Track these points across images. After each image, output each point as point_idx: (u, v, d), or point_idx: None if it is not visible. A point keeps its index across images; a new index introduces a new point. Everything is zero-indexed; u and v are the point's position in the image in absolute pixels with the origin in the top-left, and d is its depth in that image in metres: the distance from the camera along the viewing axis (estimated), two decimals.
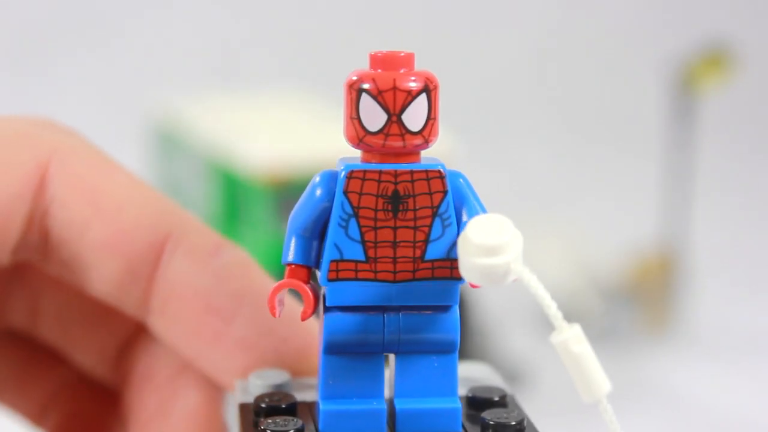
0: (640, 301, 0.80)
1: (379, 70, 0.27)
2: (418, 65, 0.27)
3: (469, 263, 0.26)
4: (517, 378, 0.71)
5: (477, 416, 0.28)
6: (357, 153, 0.28)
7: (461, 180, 0.28)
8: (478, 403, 0.29)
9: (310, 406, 0.29)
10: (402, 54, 0.27)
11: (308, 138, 0.73)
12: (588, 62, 1.45)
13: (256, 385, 0.30)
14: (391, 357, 0.28)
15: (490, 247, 0.25)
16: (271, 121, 0.80)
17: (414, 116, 0.27)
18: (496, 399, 0.29)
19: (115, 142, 0.59)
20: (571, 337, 0.26)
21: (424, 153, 0.28)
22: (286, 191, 0.69)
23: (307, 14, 1.38)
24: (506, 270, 0.26)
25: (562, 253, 0.83)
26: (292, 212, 0.28)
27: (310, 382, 0.30)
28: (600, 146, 1.35)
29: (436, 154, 0.28)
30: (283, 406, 0.28)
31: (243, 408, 0.29)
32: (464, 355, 0.29)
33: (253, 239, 0.71)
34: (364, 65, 0.27)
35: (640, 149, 1.16)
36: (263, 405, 0.28)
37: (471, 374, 0.29)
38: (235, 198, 0.74)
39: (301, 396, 0.29)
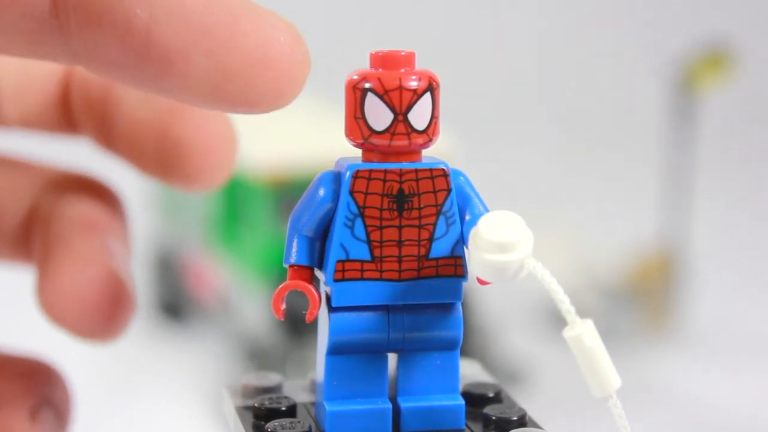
0: (640, 300, 0.79)
1: (380, 70, 0.27)
2: (418, 65, 0.27)
3: (482, 260, 0.26)
4: (516, 377, 0.71)
5: (476, 412, 0.28)
6: (354, 152, 0.28)
7: (462, 178, 0.28)
8: (474, 399, 0.29)
9: (308, 407, 0.29)
10: (403, 53, 0.27)
11: (308, 138, 0.73)
12: (588, 62, 1.46)
13: (250, 388, 0.30)
14: (391, 355, 0.28)
15: (503, 243, 0.26)
16: (271, 122, 0.80)
17: (419, 115, 0.27)
18: (492, 395, 0.29)
19: None
20: (585, 332, 0.26)
21: (424, 152, 0.28)
22: (286, 191, 0.69)
23: (307, 14, 1.38)
24: (519, 266, 0.26)
25: (563, 253, 0.83)
26: (293, 213, 0.27)
27: (302, 384, 0.30)
28: (600, 146, 1.35)
29: (437, 153, 0.28)
30: (283, 408, 0.28)
31: (241, 411, 0.29)
32: (462, 354, 0.29)
33: (253, 239, 0.71)
34: (364, 65, 0.27)
35: (640, 149, 1.16)
36: (263, 408, 0.28)
37: (462, 371, 0.29)
38: (235, 198, 0.74)
39: (297, 397, 0.29)
